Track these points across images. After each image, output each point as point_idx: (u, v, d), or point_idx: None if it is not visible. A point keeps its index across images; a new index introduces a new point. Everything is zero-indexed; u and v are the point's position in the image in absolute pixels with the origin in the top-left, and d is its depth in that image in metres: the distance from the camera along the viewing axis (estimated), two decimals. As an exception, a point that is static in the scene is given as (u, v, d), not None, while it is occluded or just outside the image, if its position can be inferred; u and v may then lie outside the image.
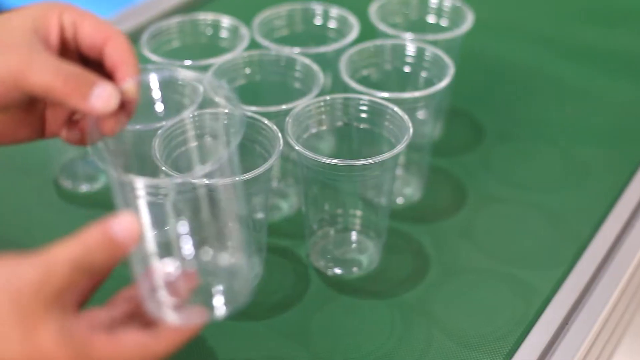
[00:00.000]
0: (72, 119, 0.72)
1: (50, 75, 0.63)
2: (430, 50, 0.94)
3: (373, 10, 1.03)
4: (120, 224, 0.57)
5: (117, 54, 0.67)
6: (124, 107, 0.67)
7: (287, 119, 0.82)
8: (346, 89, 0.89)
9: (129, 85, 0.66)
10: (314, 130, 0.85)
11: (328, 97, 0.86)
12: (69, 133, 0.72)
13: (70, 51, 0.69)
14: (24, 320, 0.54)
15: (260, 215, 0.84)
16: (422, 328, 0.83)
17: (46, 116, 0.72)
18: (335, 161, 0.78)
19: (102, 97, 0.64)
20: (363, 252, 0.90)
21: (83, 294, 0.62)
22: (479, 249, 0.92)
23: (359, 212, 0.89)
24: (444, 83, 0.89)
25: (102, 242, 0.56)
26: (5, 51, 0.64)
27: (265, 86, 0.94)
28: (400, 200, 0.97)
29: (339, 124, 0.87)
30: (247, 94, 0.90)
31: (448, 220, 0.96)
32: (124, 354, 0.58)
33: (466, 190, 1.00)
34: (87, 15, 0.68)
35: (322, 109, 0.86)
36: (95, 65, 0.69)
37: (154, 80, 0.70)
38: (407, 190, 0.98)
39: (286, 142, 0.80)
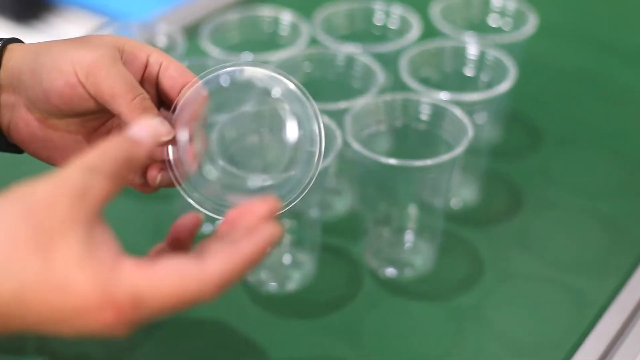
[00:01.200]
0: None
1: (120, 84, 0.62)
2: (491, 53, 0.94)
3: (434, 10, 1.03)
4: (137, 125, 0.55)
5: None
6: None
7: (346, 117, 0.82)
8: (406, 89, 0.88)
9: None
10: (372, 130, 0.85)
11: (387, 97, 0.85)
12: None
13: (149, 85, 0.68)
14: (40, 240, 0.49)
15: (314, 213, 0.84)
16: (474, 333, 0.82)
17: None
18: (393, 161, 0.78)
19: (154, 127, 0.60)
20: (417, 253, 0.89)
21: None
22: (535, 255, 0.91)
23: (414, 213, 0.88)
24: (504, 86, 0.89)
25: (118, 142, 0.53)
26: (89, 48, 0.64)
27: (323, 84, 0.94)
28: (456, 203, 0.96)
29: (398, 124, 0.86)
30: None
31: (504, 225, 0.95)
32: (156, 282, 0.50)
33: (523, 195, 0.99)
34: (173, 60, 0.67)
35: (381, 108, 0.85)
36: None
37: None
38: (464, 193, 0.97)
39: (343, 141, 0.80)
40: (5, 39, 0.67)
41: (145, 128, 0.56)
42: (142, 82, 0.66)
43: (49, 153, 0.68)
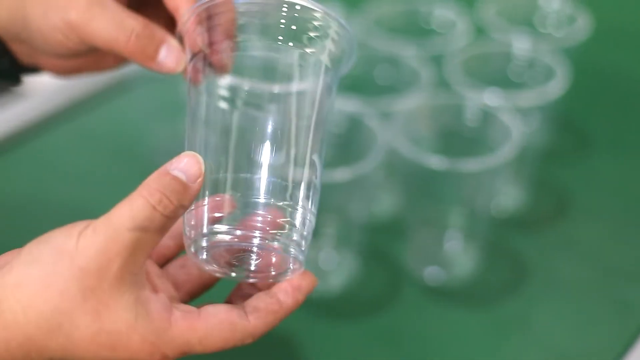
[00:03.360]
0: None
1: (112, 32, 0.60)
2: (543, 58, 0.93)
3: (484, 13, 1.02)
4: (181, 165, 0.52)
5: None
6: None
7: (394, 118, 0.82)
8: (451, 91, 0.88)
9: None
10: (419, 132, 0.84)
11: (437, 100, 0.85)
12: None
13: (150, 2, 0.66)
14: (92, 303, 0.50)
15: (358, 213, 0.84)
16: (517, 341, 0.81)
17: None
18: (440, 163, 0.77)
19: (170, 58, 0.61)
20: (461, 257, 0.88)
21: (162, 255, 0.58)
22: (582, 262, 0.90)
23: (459, 217, 0.88)
24: (556, 91, 0.88)
25: (167, 190, 0.51)
26: (64, 4, 0.61)
27: (371, 84, 0.94)
28: (503, 208, 0.95)
29: (446, 126, 0.86)
30: (353, 91, 0.90)
31: (551, 231, 0.94)
32: (207, 335, 0.52)
33: (572, 201, 0.98)
34: None
35: (431, 110, 0.85)
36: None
37: None
38: (511, 198, 0.96)
39: (391, 141, 0.79)
40: None
41: (190, 165, 0.52)
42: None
43: (87, 70, 0.68)
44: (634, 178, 1.02)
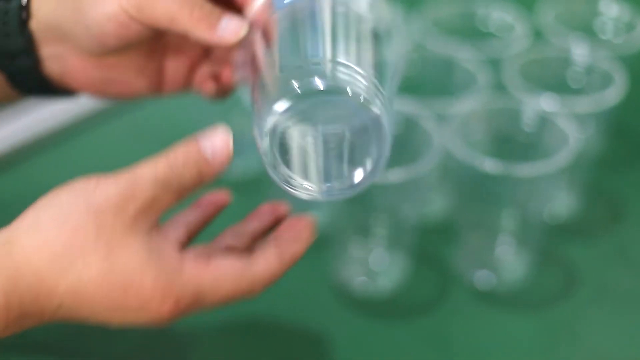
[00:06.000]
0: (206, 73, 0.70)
1: (174, 3, 0.61)
2: (601, 64, 0.92)
3: (543, 17, 1.01)
4: (211, 141, 0.54)
5: None
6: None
7: (450, 120, 0.81)
8: (507, 94, 0.87)
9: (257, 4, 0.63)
10: (476, 134, 0.84)
11: (493, 103, 0.85)
12: (201, 85, 0.69)
13: None
14: (105, 240, 0.51)
15: (410, 213, 0.84)
16: (566, 349, 0.81)
17: (166, 68, 0.69)
18: (495, 167, 0.77)
19: (230, 28, 0.61)
20: (512, 261, 0.88)
21: (189, 229, 0.59)
22: (634, 271, 0.89)
23: (511, 221, 0.87)
24: (613, 98, 0.87)
25: (191, 158, 0.54)
26: None
27: (427, 86, 0.93)
28: (556, 214, 0.95)
29: (502, 131, 0.85)
30: (409, 92, 0.90)
31: (604, 238, 0.93)
32: (216, 281, 0.54)
33: (626, 209, 0.97)
34: None
35: (486, 113, 0.84)
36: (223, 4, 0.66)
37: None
38: (564, 204, 0.96)
39: (446, 144, 0.79)
40: None
41: (218, 144, 0.55)
42: None
43: (113, 89, 0.68)
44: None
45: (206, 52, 0.70)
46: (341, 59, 0.54)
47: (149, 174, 0.53)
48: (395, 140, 0.83)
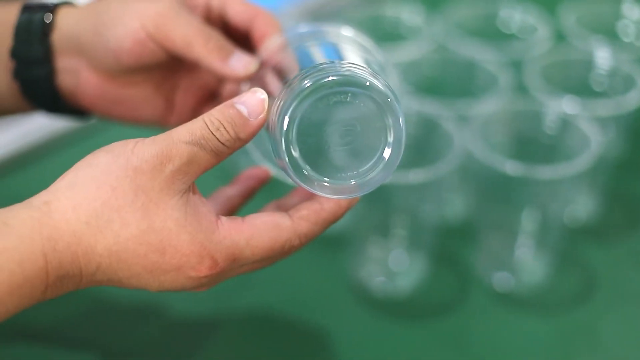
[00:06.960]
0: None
1: (192, 31, 0.62)
2: (623, 68, 0.92)
3: (565, 20, 1.01)
4: (247, 102, 0.54)
5: (264, 27, 0.66)
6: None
7: (472, 121, 0.81)
8: (528, 96, 0.87)
9: (270, 41, 0.65)
10: (497, 136, 0.84)
11: (515, 105, 0.85)
12: None
13: (214, 24, 0.68)
14: (143, 200, 0.52)
15: (432, 215, 0.84)
16: (585, 349, 0.80)
17: (175, 100, 0.70)
18: (516, 169, 0.77)
19: (241, 62, 0.63)
20: (531, 263, 0.88)
21: (230, 202, 0.60)
22: (654, 276, 0.89)
23: (530, 223, 0.87)
24: (635, 102, 0.87)
25: (225, 119, 0.54)
26: (143, 10, 0.63)
27: (449, 87, 0.94)
28: (576, 216, 0.95)
29: (523, 133, 0.85)
30: (430, 93, 0.90)
31: (624, 242, 0.93)
32: (253, 235, 0.54)
33: (646, 213, 0.97)
34: None
35: (507, 115, 0.84)
36: (238, 43, 0.68)
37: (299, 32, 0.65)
38: (584, 207, 0.95)
39: (467, 145, 0.79)
40: (57, 1, 0.67)
41: (254, 104, 0.54)
42: (208, 19, 0.67)
43: (120, 111, 0.69)
44: None
45: (215, 91, 0.71)
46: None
47: (185, 134, 0.53)
48: (416, 141, 0.84)
